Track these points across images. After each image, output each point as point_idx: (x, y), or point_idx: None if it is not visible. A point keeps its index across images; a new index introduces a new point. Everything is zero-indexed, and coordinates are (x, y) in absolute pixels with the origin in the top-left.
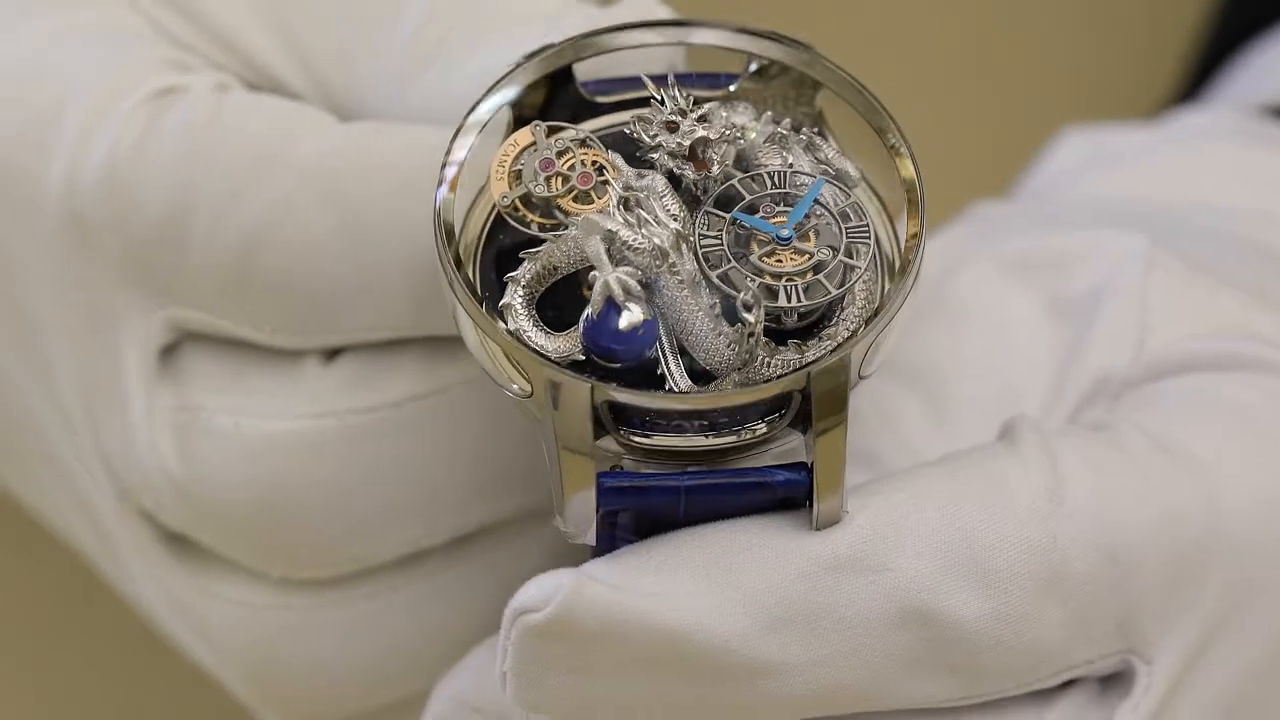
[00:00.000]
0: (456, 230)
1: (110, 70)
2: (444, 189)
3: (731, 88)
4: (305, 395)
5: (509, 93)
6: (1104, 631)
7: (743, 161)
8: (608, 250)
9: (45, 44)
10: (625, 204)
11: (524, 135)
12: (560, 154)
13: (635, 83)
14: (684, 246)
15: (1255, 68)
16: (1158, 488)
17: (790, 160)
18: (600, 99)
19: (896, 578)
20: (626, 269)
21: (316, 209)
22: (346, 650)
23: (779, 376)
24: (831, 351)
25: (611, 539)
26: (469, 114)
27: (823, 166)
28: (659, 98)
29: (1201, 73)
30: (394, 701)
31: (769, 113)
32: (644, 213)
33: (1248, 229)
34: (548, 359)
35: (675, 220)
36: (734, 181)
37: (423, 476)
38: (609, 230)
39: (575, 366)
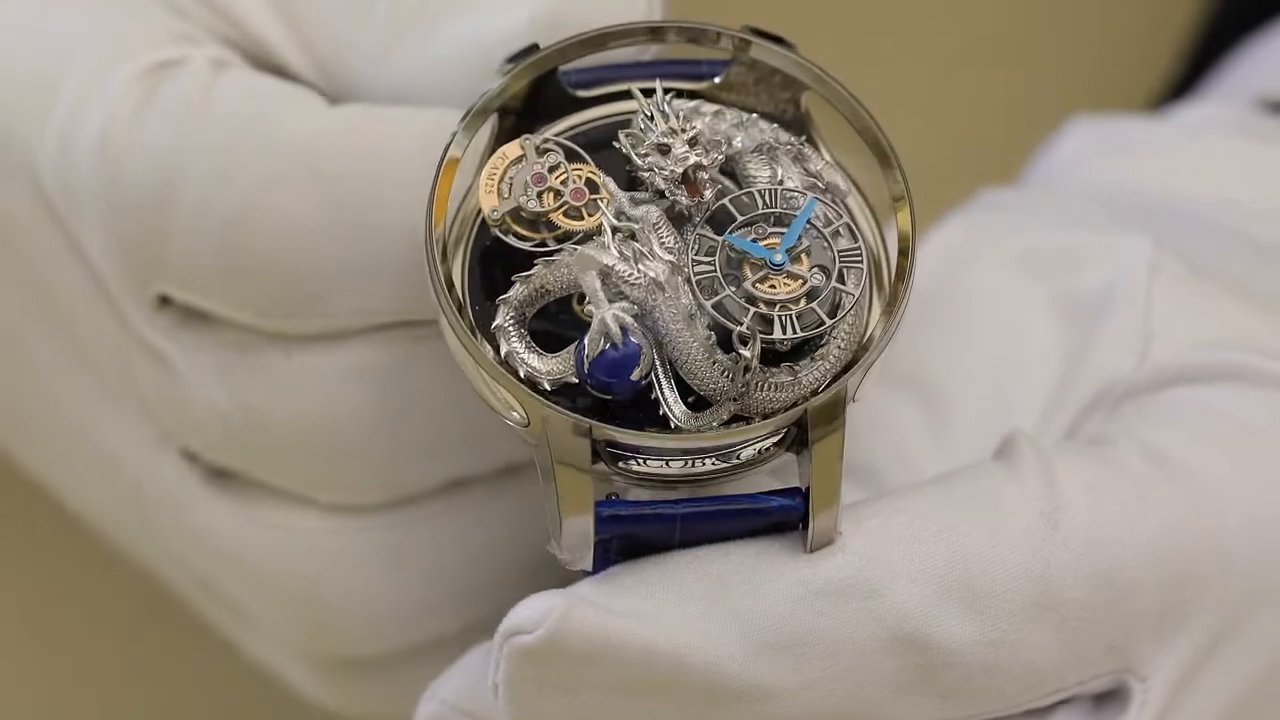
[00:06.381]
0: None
1: (105, 40)
2: (439, 228)
3: (717, 79)
4: None
5: (493, 94)
6: (1097, 654)
7: (728, 166)
8: (603, 284)
9: (40, 12)
10: (615, 233)
11: (513, 148)
12: (552, 169)
13: (617, 72)
14: (679, 280)
15: (1255, 59)
16: (1154, 508)
17: (779, 173)
18: (582, 93)
19: (888, 603)
20: (622, 304)
21: (302, 190)
22: (396, 574)
23: (779, 411)
24: (826, 386)
25: (605, 559)
26: (462, 118)
27: (812, 179)
28: (648, 113)
29: (1198, 66)
30: (437, 637)
31: (755, 114)
32: (639, 245)
33: (1253, 227)
34: (546, 395)
35: (670, 253)
36: (725, 201)
37: (472, 404)
38: (605, 265)
39: (568, 389)
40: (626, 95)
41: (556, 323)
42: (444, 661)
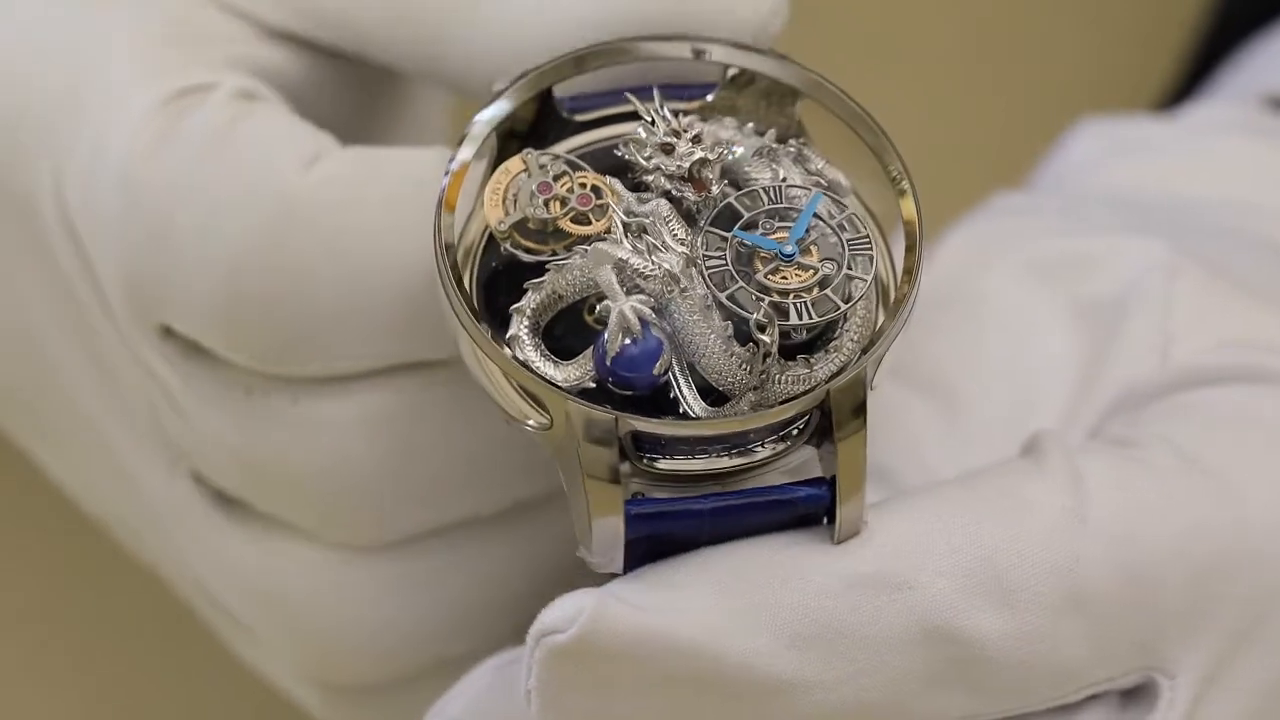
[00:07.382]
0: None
1: (138, 55)
2: (446, 250)
3: (709, 98)
4: None
5: (501, 110)
6: (1125, 650)
7: (730, 175)
8: (618, 279)
9: (62, 17)
10: (627, 229)
11: (515, 163)
12: (556, 177)
13: (610, 98)
14: (693, 270)
15: (1261, 57)
16: (1181, 505)
17: (781, 174)
18: (578, 117)
19: (918, 596)
20: (639, 297)
21: (300, 239)
22: (401, 607)
23: (800, 395)
24: (849, 366)
25: (635, 561)
26: (461, 139)
27: (814, 178)
28: (650, 118)
29: (1203, 65)
30: (441, 661)
31: (751, 124)
32: (651, 239)
33: (1263, 227)
34: (569, 393)
35: (682, 245)
36: (730, 199)
37: (481, 446)
38: (620, 259)
39: (586, 394)
40: (621, 119)
41: (559, 342)
42: (449, 684)
